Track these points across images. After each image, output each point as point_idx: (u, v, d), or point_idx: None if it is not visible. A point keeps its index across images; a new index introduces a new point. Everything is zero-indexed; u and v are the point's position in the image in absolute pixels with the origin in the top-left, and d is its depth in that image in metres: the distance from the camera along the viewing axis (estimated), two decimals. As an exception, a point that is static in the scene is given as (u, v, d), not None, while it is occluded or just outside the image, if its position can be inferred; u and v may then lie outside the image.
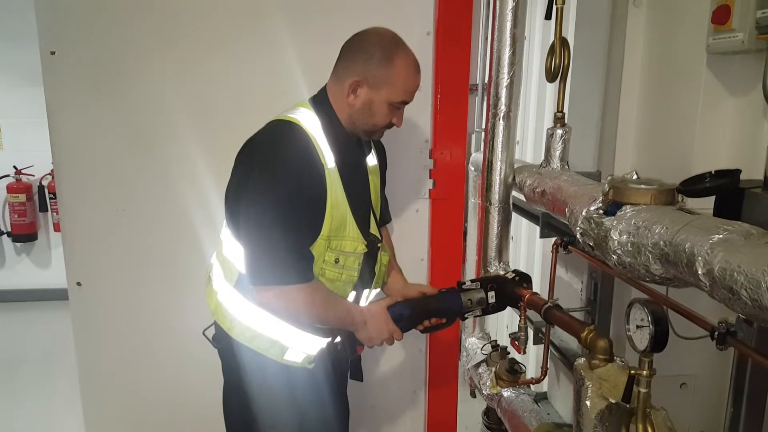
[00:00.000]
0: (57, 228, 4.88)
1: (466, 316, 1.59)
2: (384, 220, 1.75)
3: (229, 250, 1.50)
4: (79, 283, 2.13)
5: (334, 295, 1.49)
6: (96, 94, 2.00)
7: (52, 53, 1.97)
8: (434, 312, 1.57)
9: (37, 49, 1.95)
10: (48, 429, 3.04)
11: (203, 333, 1.60)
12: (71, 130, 2.03)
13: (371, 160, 1.63)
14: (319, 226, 1.41)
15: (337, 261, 1.47)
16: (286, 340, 1.50)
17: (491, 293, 1.57)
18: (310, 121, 1.44)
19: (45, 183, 4.86)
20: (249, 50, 2.00)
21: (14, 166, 4.77)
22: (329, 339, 1.54)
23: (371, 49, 1.42)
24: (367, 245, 1.52)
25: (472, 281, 1.59)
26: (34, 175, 4.85)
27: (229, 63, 2.01)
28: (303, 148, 1.38)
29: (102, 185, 2.07)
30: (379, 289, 1.68)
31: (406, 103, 1.48)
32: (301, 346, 1.51)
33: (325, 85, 1.53)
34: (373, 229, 1.59)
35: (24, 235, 4.88)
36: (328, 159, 1.42)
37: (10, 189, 4.77)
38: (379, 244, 1.59)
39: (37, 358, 3.93)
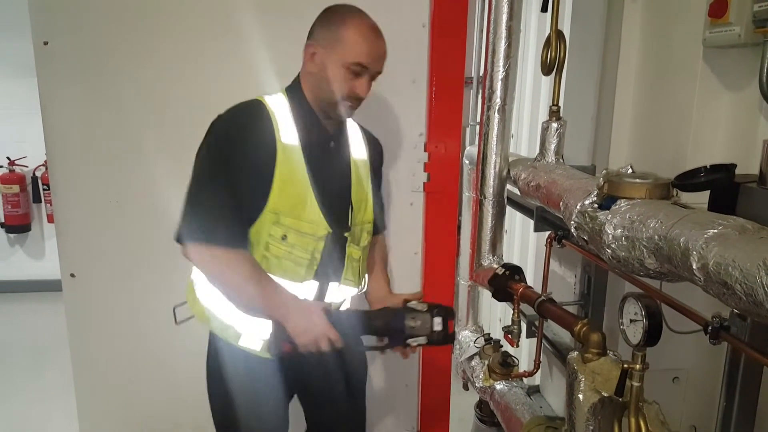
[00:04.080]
0: (51, 219, 4.86)
1: (408, 341, 1.42)
2: (376, 228, 1.68)
3: None
4: (72, 275, 2.12)
5: (264, 273, 1.43)
6: (89, 85, 1.98)
7: (45, 43, 1.95)
8: (374, 328, 1.44)
9: (29, 40, 1.93)
10: (41, 420, 3.04)
11: (173, 309, 1.63)
12: (65, 120, 2.01)
13: (359, 152, 1.60)
14: (260, 197, 1.39)
15: (284, 238, 1.43)
16: (240, 326, 1.49)
17: (437, 319, 1.40)
18: (276, 101, 1.45)
19: (38, 174, 4.83)
20: (246, 41, 1.98)
21: (7, 157, 4.74)
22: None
23: (327, 15, 1.44)
24: (332, 232, 1.46)
25: (419, 302, 1.45)
26: (27, 166, 4.82)
27: (225, 54, 1.99)
28: (251, 119, 1.40)
29: (96, 176, 2.06)
30: (354, 289, 1.61)
31: (365, 67, 1.41)
32: (255, 331, 1.49)
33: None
34: (351, 220, 1.54)
35: (17, 226, 4.86)
36: (287, 135, 1.41)
37: (3, 180, 4.74)
38: (346, 234, 1.53)
39: (30, 350, 3.92)
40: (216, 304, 1.49)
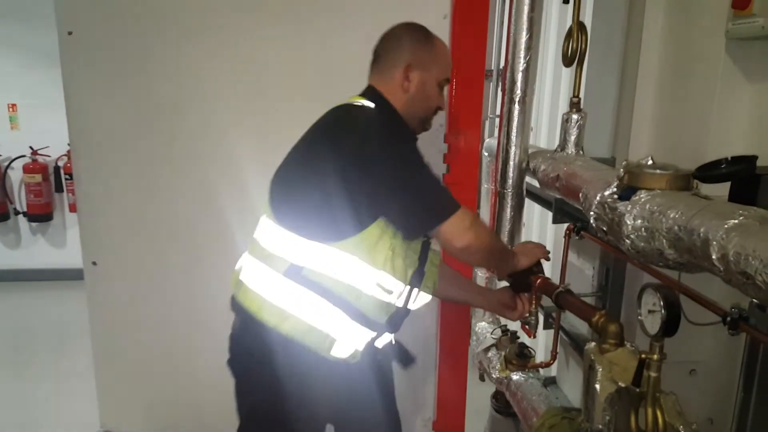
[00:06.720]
0: (72, 208, 4.94)
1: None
2: None
3: (275, 244, 1.46)
4: (94, 263, 2.17)
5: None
6: (113, 75, 2.02)
7: (69, 33, 1.98)
8: None
9: (54, 30, 1.97)
10: (62, 408, 3.09)
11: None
12: (88, 110, 2.05)
13: None
14: None
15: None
16: (336, 332, 1.43)
17: None
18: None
19: (60, 164, 4.91)
20: (274, 34, 1.99)
21: (30, 147, 4.82)
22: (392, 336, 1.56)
23: (410, 36, 1.53)
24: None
25: None
26: (50, 156, 4.90)
27: (250, 44, 2.01)
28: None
29: (118, 166, 2.09)
30: (429, 296, 1.63)
31: (449, 81, 1.59)
32: (350, 338, 1.46)
33: (371, 84, 1.56)
34: None
35: (40, 215, 4.95)
36: None
37: (26, 169, 4.83)
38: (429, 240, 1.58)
39: (52, 338, 4.00)
40: (314, 312, 1.42)
